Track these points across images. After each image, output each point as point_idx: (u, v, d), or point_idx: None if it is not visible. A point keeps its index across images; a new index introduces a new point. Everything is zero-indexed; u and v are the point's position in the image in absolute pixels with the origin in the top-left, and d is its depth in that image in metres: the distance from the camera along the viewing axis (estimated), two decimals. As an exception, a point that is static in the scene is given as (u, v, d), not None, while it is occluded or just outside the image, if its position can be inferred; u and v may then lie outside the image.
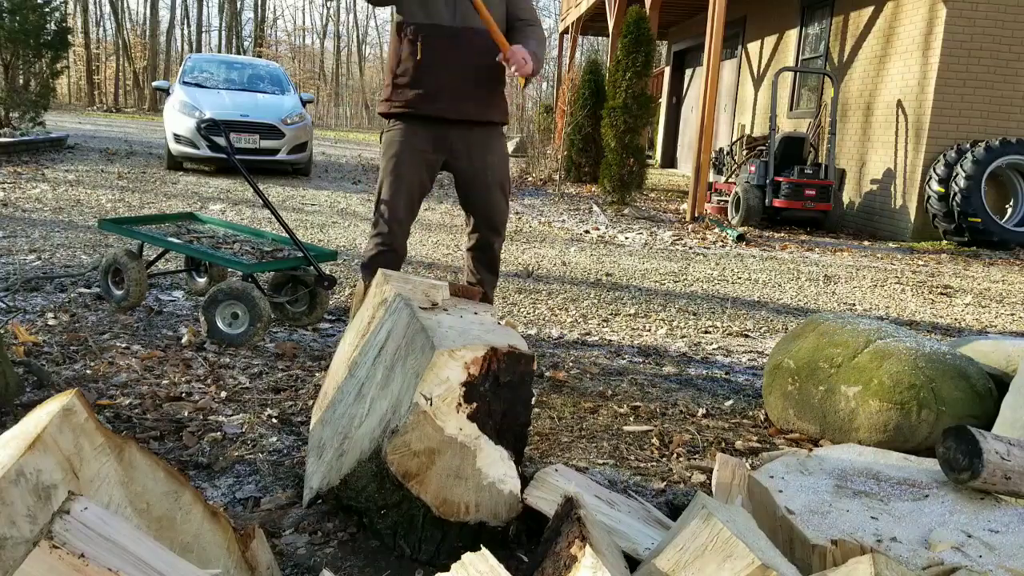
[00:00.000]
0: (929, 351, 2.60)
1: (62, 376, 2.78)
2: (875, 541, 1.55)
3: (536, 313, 4.36)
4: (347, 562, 1.75)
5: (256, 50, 37.14)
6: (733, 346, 3.96)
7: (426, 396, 1.65)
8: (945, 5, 8.10)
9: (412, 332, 1.80)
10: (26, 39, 11.32)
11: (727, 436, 2.72)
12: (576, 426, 2.71)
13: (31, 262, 4.58)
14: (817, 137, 9.99)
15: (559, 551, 1.38)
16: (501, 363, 1.72)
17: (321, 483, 1.90)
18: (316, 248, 3.62)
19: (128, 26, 39.32)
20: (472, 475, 1.70)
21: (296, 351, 3.29)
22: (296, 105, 10.82)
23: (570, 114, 12.34)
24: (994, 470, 1.67)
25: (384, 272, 2.18)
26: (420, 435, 1.66)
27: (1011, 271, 7.00)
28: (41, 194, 7.31)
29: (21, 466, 1.21)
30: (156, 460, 1.41)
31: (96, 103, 34.78)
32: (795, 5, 11.31)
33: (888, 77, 9.05)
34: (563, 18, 19.54)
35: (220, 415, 2.56)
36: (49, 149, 11.24)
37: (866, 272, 6.57)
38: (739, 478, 1.97)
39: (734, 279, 5.86)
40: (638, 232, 8.08)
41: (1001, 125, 8.30)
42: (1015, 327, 4.84)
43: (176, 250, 3.60)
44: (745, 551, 1.24)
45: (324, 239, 6.15)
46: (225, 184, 9.15)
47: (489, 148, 3.05)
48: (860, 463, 1.92)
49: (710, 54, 8.70)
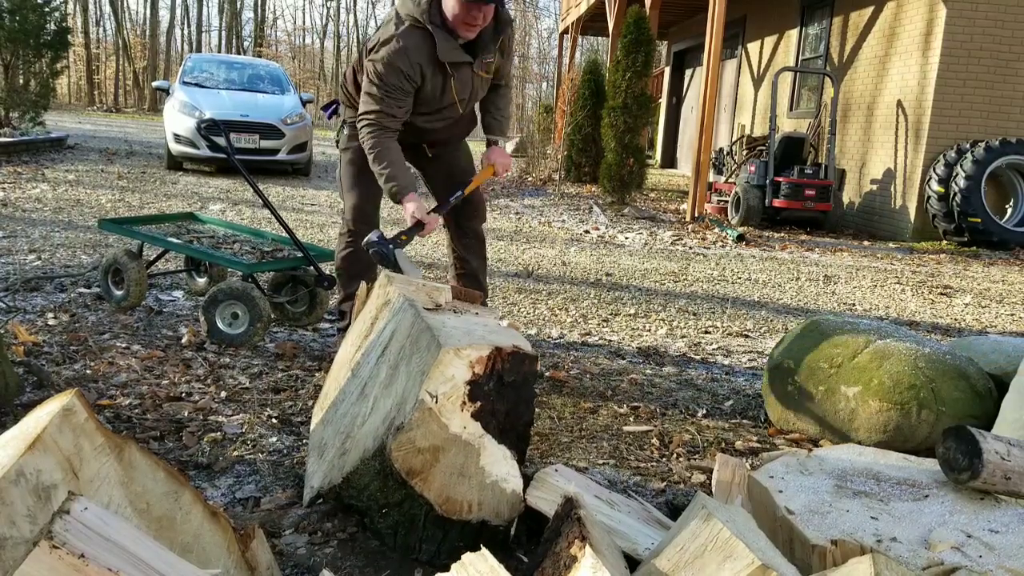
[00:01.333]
0: (929, 351, 2.60)
1: (62, 376, 2.78)
2: (875, 541, 1.55)
3: (536, 313, 4.36)
4: (347, 562, 1.75)
5: (256, 50, 37.13)
6: (733, 346, 3.96)
7: (432, 394, 1.66)
8: (945, 5, 8.10)
9: (417, 331, 1.81)
10: (26, 39, 11.32)
11: (727, 436, 2.72)
12: (576, 426, 2.71)
13: (31, 262, 4.58)
14: (817, 137, 9.99)
15: (559, 551, 1.38)
16: (505, 363, 1.74)
17: (323, 482, 1.90)
18: (316, 248, 3.62)
19: (128, 26, 39.33)
20: (475, 473, 1.70)
21: (296, 351, 3.29)
22: (296, 105, 10.82)
23: (570, 114, 12.34)
24: (994, 470, 1.67)
25: (387, 274, 2.18)
26: (425, 432, 1.67)
27: (1011, 271, 7.00)
28: (41, 194, 7.31)
29: (21, 466, 1.21)
30: (156, 460, 1.41)
31: (96, 103, 34.78)
32: (795, 5, 11.31)
33: (888, 77, 9.05)
34: (563, 18, 19.54)
35: (220, 415, 2.56)
36: (49, 149, 11.24)
37: (866, 272, 6.57)
38: (739, 478, 1.97)
39: (734, 279, 5.86)
40: (638, 232, 8.08)
41: (1001, 125, 8.30)
42: (1015, 327, 4.84)
43: (176, 250, 3.60)
44: (745, 551, 1.24)
45: (324, 239, 6.15)
46: (225, 184, 9.15)
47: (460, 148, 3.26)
48: (860, 463, 1.92)
49: (710, 54, 8.70)
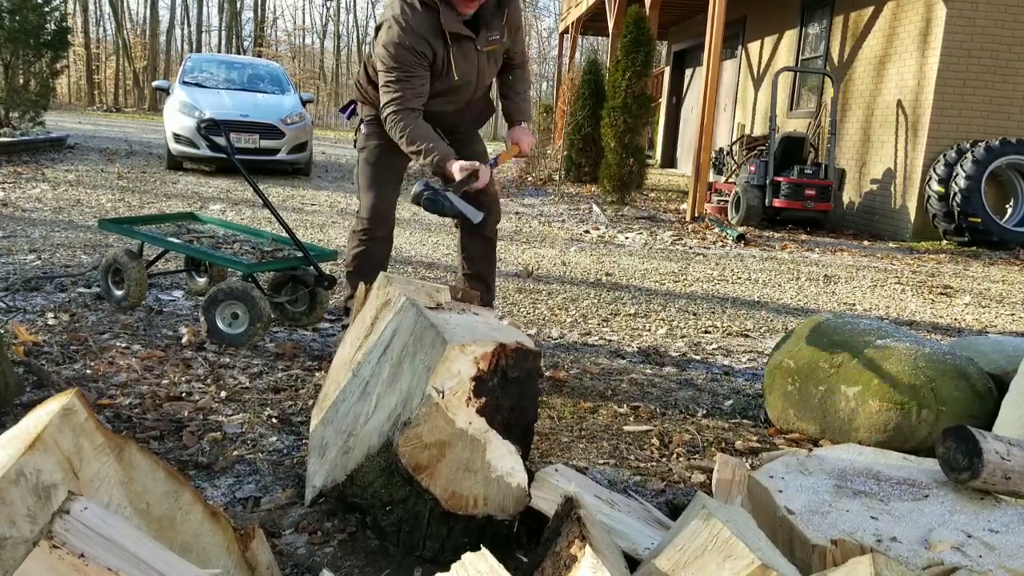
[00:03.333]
0: (929, 351, 2.60)
1: (62, 376, 2.78)
2: (875, 541, 1.55)
3: (536, 313, 4.36)
4: (347, 562, 1.75)
5: (256, 50, 37.14)
6: (733, 346, 3.96)
7: (438, 389, 1.67)
8: (945, 5, 8.10)
9: (421, 329, 1.82)
10: (26, 39, 11.32)
11: (727, 436, 2.72)
12: (576, 426, 2.71)
13: (31, 262, 4.58)
14: (817, 137, 9.99)
15: (559, 551, 1.38)
16: (509, 359, 1.75)
17: (325, 481, 1.91)
18: (316, 248, 3.62)
19: (128, 26, 39.35)
20: (481, 468, 1.71)
21: (296, 351, 3.29)
22: (296, 105, 10.82)
23: (570, 114, 12.34)
24: (994, 470, 1.67)
25: (385, 275, 2.19)
26: (432, 427, 1.68)
27: (1011, 271, 7.00)
28: (41, 194, 7.31)
29: (21, 466, 1.21)
30: (156, 460, 1.41)
31: (96, 103, 34.78)
32: (795, 5, 11.31)
33: (888, 77, 9.05)
34: (563, 18, 19.54)
35: (220, 415, 2.56)
36: (49, 149, 11.24)
37: (866, 272, 6.57)
38: (739, 478, 1.97)
39: (734, 279, 5.86)
40: (638, 232, 8.08)
41: (1001, 125, 8.30)
42: (1015, 327, 4.84)
43: (176, 250, 3.60)
44: (745, 551, 1.24)
45: (324, 239, 6.15)
46: (225, 184, 9.15)
47: (475, 138, 3.22)
48: (860, 463, 1.92)
49: (710, 54, 8.70)
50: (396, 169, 3.16)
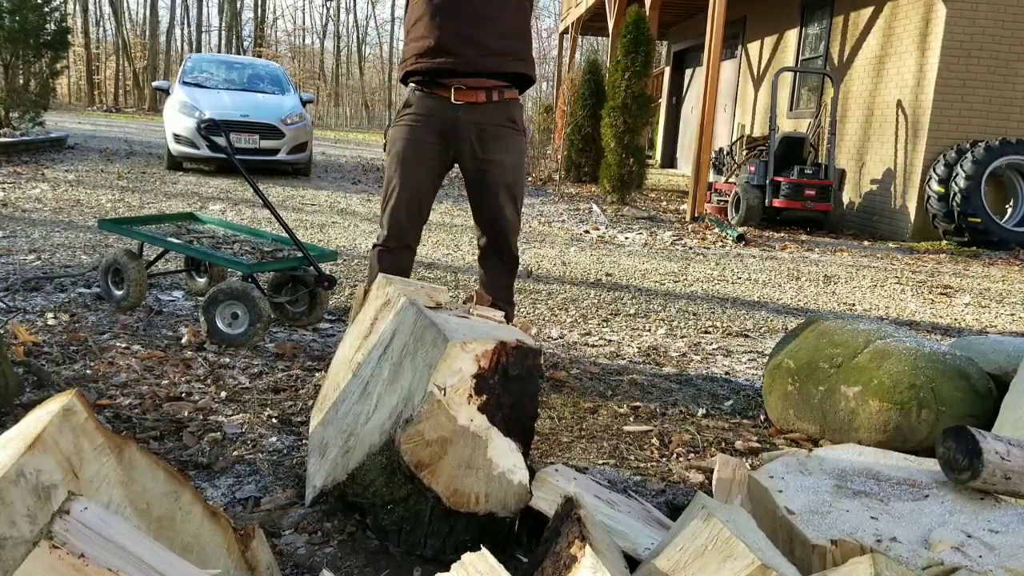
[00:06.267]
0: (929, 351, 2.60)
1: (62, 376, 2.78)
2: (875, 541, 1.55)
3: (536, 313, 4.36)
4: (347, 562, 1.75)
5: (256, 50, 37.14)
6: (733, 346, 3.96)
7: (440, 386, 1.68)
8: (945, 5, 8.10)
9: (421, 328, 1.82)
10: (26, 39, 11.31)
11: (727, 436, 2.72)
12: (576, 426, 2.71)
13: (31, 262, 4.58)
14: (817, 137, 9.99)
15: (559, 551, 1.38)
16: (510, 356, 1.76)
17: (326, 480, 1.91)
18: (316, 248, 3.62)
19: (128, 26, 39.33)
20: (483, 465, 1.72)
21: (296, 351, 3.29)
22: (296, 105, 10.82)
23: (570, 114, 12.34)
24: (994, 470, 1.67)
25: (385, 276, 2.19)
26: (434, 424, 1.68)
27: (1011, 271, 7.00)
28: (41, 194, 7.31)
29: (21, 466, 1.21)
30: (156, 460, 1.41)
31: (96, 103, 34.77)
32: (795, 5, 11.31)
33: (888, 77, 9.05)
34: (563, 18, 19.53)
35: (220, 415, 2.56)
36: (49, 149, 11.24)
37: (866, 272, 6.57)
38: (739, 478, 1.97)
39: (734, 279, 5.86)
40: (638, 232, 8.08)
41: (1001, 125, 8.30)
42: (1015, 327, 4.83)
43: (176, 250, 3.60)
44: (745, 551, 1.24)
45: (324, 239, 6.15)
46: (225, 184, 9.15)
47: (504, 146, 2.81)
48: (860, 463, 1.92)
49: (710, 54, 8.70)
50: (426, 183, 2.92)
